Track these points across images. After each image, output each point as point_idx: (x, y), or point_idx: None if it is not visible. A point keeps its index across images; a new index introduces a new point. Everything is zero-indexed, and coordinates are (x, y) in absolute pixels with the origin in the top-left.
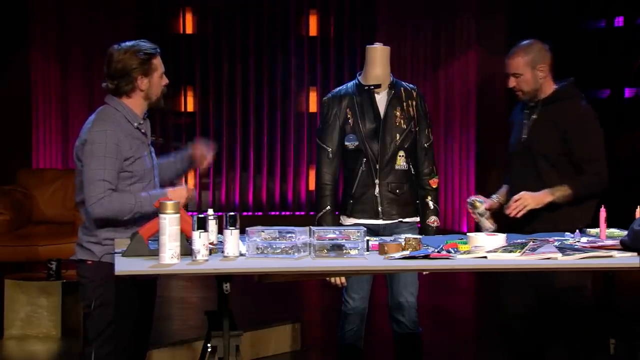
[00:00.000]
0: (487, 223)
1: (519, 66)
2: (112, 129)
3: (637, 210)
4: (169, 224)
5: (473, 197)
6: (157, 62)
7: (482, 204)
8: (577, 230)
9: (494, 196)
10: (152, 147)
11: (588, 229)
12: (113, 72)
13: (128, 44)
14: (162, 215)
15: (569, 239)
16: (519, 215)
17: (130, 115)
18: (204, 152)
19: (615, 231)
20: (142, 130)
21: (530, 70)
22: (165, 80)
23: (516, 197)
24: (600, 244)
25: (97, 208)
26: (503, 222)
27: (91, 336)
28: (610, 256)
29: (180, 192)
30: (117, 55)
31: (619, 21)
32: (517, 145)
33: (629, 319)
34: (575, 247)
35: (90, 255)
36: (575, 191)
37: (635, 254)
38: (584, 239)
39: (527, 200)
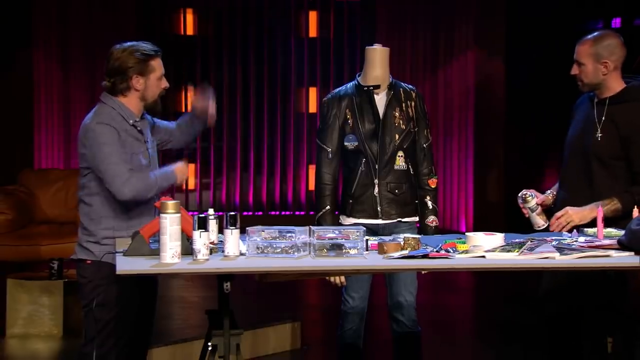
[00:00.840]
0: (538, 219)
1: (582, 55)
2: (108, 121)
3: (635, 210)
4: (170, 224)
5: (525, 191)
6: (156, 63)
7: (533, 198)
8: (575, 230)
9: (548, 192)
10: (149, 142)
11: (586, 229)
12: (110, 69)
13: (129, 43)
14: (163, 215)
15: (567, 238)
16: (561, 231)
17: (125, 113)
18: (204, 104)
19: (612, 231)
20: (138, 128)
21: (592, 62)
22: (164, 83)
23: (560, 213)
24: (597, 243)
25: (126, 190)
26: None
27: (90, 335)
28: (608, 256)
29: (183, 169)
30: (116, 54)
31: (617, 22)
32: (574, 142)
33: (627, 317)
34: (573, 246)
35: (89, 255)
36: (625, 206)
37: (633, 253)
38: (582, 239)
39: (570, 217)
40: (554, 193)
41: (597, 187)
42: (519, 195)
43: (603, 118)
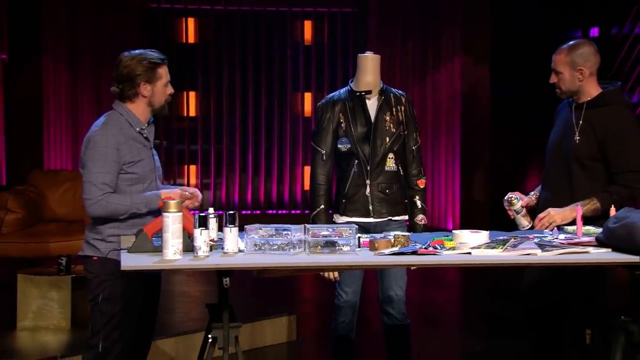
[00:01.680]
0: (523, 220)
1: (559, 64)
2: (113, 134)
3: (612, 209)
4: (172, 222)
5: (510, 194)
6: (163, 71)
7: (518, 201)
8: (556, 228)
9: (531, 193)
10: (155, 150)
11: (566, 227)
12: (119, 76)
13: (137, 51)
14: (165, 214)
15: (548, 235)
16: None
17: (133, 121)
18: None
19: (591, 228)
20: (145, 135)
21: (569, 70)
22: (170, 90)
23: (542, 214)
24: (577, 240)
25: (95, 209)
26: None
27: (97, 327)
28: (587, 252)
29: (172, 195)
30: (125, 61)
31: (594, 32)
32: (555, 145)
33: (605, 310)
34: (554, 243)
35: (96, 252)
36: (604, 206)
37: (610, 250)
38: (562, 236)
39: (553, 217)
40: (537, 194)
41: (577, 188)
42: (505, 198)
43: (581, 122)
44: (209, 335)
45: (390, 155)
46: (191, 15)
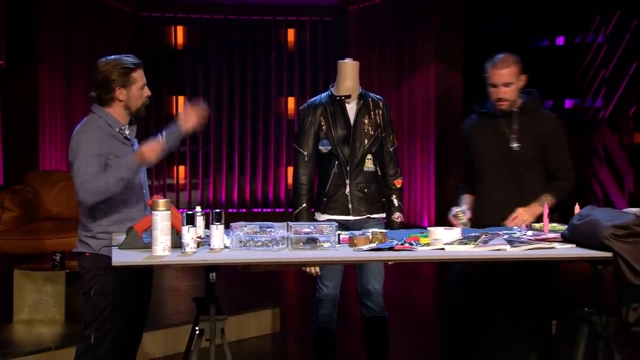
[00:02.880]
0: None
1: (509, 76)
2: (94, 131)
3: (576, 206)
4: (161, 220)
5: (456, 209)
6: (137, 75)
7: (464, 214)
8: (524, 225)
9: (466, 207)
10: (137, 146)
11: (533, 224)
12: (95, 81)
13: (112, 57)
14: (154, 212)
15: (517, 232)
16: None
17: (112, 122)
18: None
19: (557, 225)
20: (124, 135)
21: (517, 81)
22: (147, 92)
23: (514, 215)
24: (543, 236)
25: (83, 194)
26: None
27: (89, 320)
28: (553, 247)
29: (151, 146)
30: (100, 67)
31: (560, 40)
32: (493, 155)
33: (569, 302)
34: (522, 239)
35: (87, 248)
36: (557, 198)
37: (574, 245)
38: (530, 232)
39: (524, 216)
40: (471, 207)
41: (527, 190)
42: (453, 213)
43: (515, 127)
44: (197, 328)
45: (369, 156)
46: (180, 23)
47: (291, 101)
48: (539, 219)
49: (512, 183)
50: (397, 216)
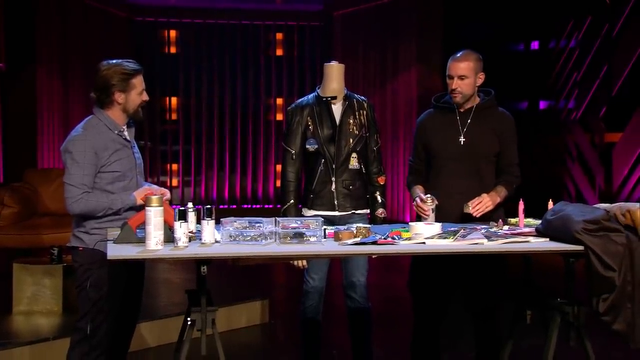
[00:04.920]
0: (432, 217)
1: (466, 69)
2: (91, 138)
3: (549, 202)
4: (154, 216)
5: (425, 196)
6: (137, 81)
7: (433, 200)
8: (500, 220)
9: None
10: (137, 149)
11: (509, 219)
12: (96, 84)
13: (114, 61)
14: (147, 208)
15: (494, 226)
16: (479, 215)
17: (111, 125)
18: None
19: (531, 220)
20: (124, 137)
21: (473, 76)
22: (145, 97)
23: (478, 199)
24: (519, 231)
25: (75, 207)
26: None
27: (83, 311)
28: (528, 241)
29: (144, 194)
30: (102, 70)
31: (535, 45)
32: (453, 148)
33: (543, 293)
34: (499, 233)
35: (81, 243)
36: (509, 191)
37: (548, 239)
38: (506, 227)
39: (488, 202)
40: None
41: (486, 182)
42: (421, 199)
43: (468, 122)
44: (188, 319)
45: (354, 155)
46: (173, 27)
47: (279, 102)
48: (515, 214)
49: (471, 175)
50: (381, 212)
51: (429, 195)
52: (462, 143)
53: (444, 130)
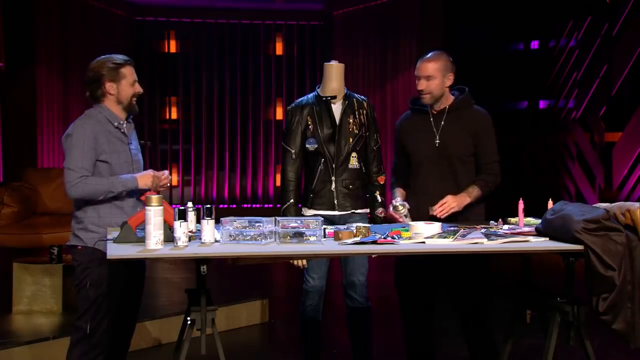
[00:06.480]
0: (408, 221)
1: (433, 69)
2: (91, 125)
3: (549, 202)
4: (154, 215)
5: (395, 202)
6: (127, 71)
7: (404, 207)
8: (500, 219)
9: (401, 200)
10: (134, 144)
11: (509, 218)
12: (87, 79)
13: (103, 56)
14: (147, 208)
15: (493, 226)
16: (443, 216)
17: (110, 116)
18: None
19: (531, 220)
20: (122, 130)
21: (440, 76)
22: (137, 88)
23: (442, 201)
24: (519, 230)
25: (73, 191)
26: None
27: (82, 310)
28: (527, 241)
29: (146, 178)
30: (92, 66)
31: (535, 44)
32: (428, 149)
33: (543, 293)
34: (498, 233)
35: (80, 242)
36: (483, 191)
37: (548, 238)
38: (506, 227)
39: (452, 203)
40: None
41: (461, 182)
42: (392, 205)
43: (442, 124)
44: (188, 318)
45: (354, 154)
46: (173, 27)
47: (279, 102)
48: (514, 214)
49: (447, 177)
50: (380, 211)
51: (399, 202)
52: (437, 145)
53: (419, 132)
